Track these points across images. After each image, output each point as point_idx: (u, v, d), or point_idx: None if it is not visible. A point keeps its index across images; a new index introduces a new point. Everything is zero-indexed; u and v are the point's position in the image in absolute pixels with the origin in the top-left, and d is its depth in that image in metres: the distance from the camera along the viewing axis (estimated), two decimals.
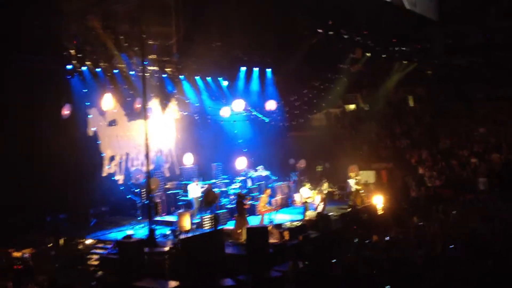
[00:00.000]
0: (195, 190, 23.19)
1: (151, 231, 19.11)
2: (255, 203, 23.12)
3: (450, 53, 38.07)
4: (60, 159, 21.72)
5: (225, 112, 28.72)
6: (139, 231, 21.21)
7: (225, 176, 27.06)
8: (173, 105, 28.04)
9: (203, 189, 23.18)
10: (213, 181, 25.38)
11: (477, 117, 33.35)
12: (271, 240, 19.00)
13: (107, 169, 24.56)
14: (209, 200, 22.09)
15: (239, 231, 19.87)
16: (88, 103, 23.99)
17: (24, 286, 14.86)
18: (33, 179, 20.77)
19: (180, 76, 28.02)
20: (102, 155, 24.46)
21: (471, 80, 36.65)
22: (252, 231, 18.58)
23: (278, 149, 30.84)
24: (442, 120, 34.24)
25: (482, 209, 21.86)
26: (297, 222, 22.02)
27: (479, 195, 25.77)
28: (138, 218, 22.85)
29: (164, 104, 27.53)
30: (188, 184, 23.82)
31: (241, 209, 20.75)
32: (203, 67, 28.85)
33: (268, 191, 23.17)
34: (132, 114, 25.62)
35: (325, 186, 25.51)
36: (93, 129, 24.18)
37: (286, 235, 19.62)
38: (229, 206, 23.76)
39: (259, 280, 16.25)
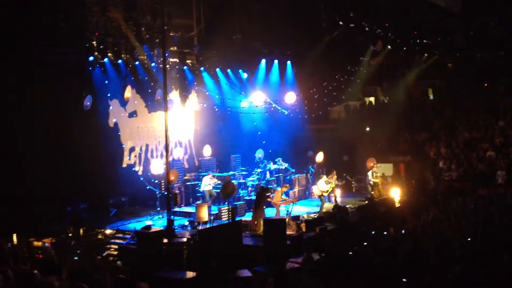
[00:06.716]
0: (207, 183, 23.30)
1: (170, 222, 19.28)
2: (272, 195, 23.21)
3: (471, 46, 37.88)
4: (81, 149, 21.86)
5: (244, 104, 28.76)
6: (157, 221, 21.48)
7: (243, 168, 27.26)
8: (193, 97, 28.24)
9: (213, 182, 23.36)
10: (232, 172, 25.60)
11: (497, 111, 33.11)
12: (288, 232, 19.09)
13: (127, 160, 24.82)
14: (227, 192, 22.21)
15: (256, 222, 20.05)
16: (109, 95, 24.21)
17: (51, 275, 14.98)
18: (54, 169, 20.97)
19: (200, 68, 28.18)
20: (123, 146, 24.71)
21: (492, 73, 36.42)
22: (269, 222, 18.78)
23: (296, 141, 30.91)
24: (462, 113, 34.05)
25: (500, 202, 21.75)
26: (314, 214, 22.23)
27: (497, 188, 25.70)
28: (157, 209, 23.12)
29: (184, 96, 27.73)
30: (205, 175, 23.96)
31: (261, 202, 20.87)
32: (223, 59, 29.01)
33: (286, 187, 23.26)
34: (153, 105, 25.84)
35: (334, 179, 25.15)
36: (114, 120, 24.41)
37: (303, 227, 19.70)
38: (247, 197, 23.97)
39: (276, 272, 16.35)
